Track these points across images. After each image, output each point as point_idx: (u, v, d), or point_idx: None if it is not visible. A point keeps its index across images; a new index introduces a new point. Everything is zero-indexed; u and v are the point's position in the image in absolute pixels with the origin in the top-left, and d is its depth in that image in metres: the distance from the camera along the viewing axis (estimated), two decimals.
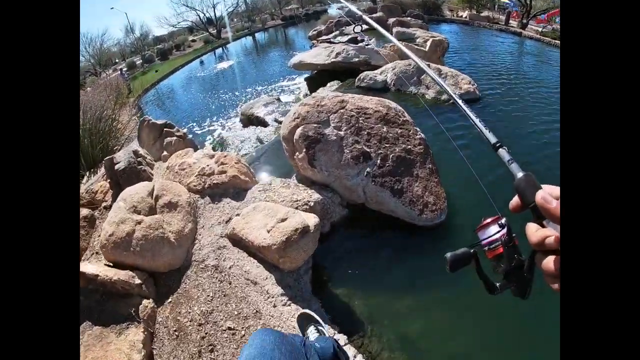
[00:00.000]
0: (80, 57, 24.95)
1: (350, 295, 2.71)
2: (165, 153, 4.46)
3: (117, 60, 25.29)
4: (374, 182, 3.18)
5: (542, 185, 0.59)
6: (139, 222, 2.77)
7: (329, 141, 3.14)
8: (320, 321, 2.20)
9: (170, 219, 2.91)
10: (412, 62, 6.35)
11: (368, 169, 3.18)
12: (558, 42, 14.60)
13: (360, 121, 3.31)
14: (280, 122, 5.49)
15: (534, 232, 0.57)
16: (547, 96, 7.19)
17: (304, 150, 3.10)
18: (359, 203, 3.33)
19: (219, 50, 24.05)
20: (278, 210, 2.75)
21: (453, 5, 25.35)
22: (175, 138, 4.54)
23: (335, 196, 3.26)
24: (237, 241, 2.81)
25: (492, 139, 0.79)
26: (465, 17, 22.23)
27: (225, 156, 3.43)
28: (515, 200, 0.63)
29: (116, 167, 3.84)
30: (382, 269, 2.91)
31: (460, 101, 0.92)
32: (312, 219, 2.65)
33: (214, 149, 6.05)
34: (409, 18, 13.71)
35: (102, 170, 6.29)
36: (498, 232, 0.68)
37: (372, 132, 3.31)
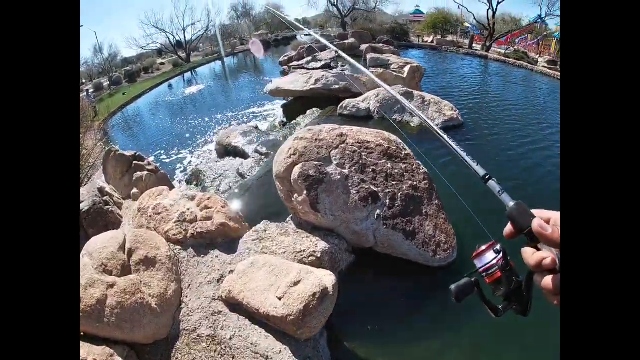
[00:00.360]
0: None
1: (371, 353, 2.43)
2: (135, 190, 3.95)
3: (83, 81, 24.07)
4: (385, 225, 2.87)
5: (533, 211, 0.63)
6: (111, 286, 2.28)
7: (332, 181, 2.79)
8: None
9: (148, 279, 2.43)
10: (396, 89, 6.21)
11: (378, 211, 2.87)
12: (521, 62, 15.50)
13: (364, 157, 3.01)
14: (262, 154, 5.11)
15: (530, 255, 0.61)
16: (519, 114, 7.73)
17: (305, 192, 2.74)
18: (366, 247, 3.01)
19: (188, 74, 23.51)
20: (283, 267, 2.34)
21: (418, 30, 26.25)
22: (146, 173, 4.04)
23: (342, 242, 2.91)
24: (236, 305, 2.37)
25: (481, 172, 0.82)
26: (432, 42, 23.00)
27: (208, 198, 2.99)
28: (508, 228, 0.66)
29: (80, 207, 3.33)
30: (399, 318, 2.66)
31: (447, 137, 0.93)
32: (328, 277, 2.27)
33: (188, 183, 5.55)
34: (381, 44, 13.84)
35: None
36: (494, 258, 0.71)
37: (377, 168, 3.01)
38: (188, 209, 2.89)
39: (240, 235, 2.87)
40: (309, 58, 13.32)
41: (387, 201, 2.93)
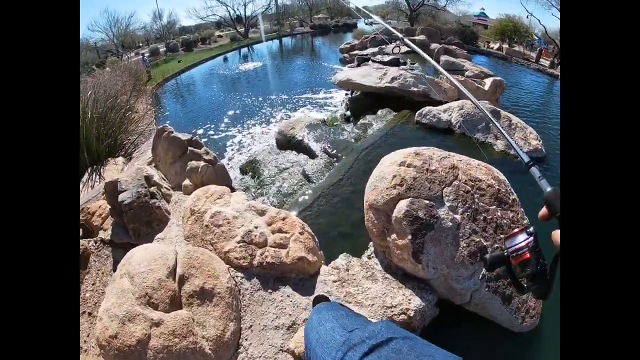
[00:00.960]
0: (104, 36, 24.33)
1: None
2: (187, 182, 3.45)
3: (140, 44, 24.57)
4: (487, 288, 2.28)
5: None
6: (157, 324, 1.79)
7: (443, 228, 2.18)
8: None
9: (203, 316, 1.93)
10: (482, 105, 5.46)
11: (484, 271, 2.26)
12: None
13: (476, 200, 2.38)
14: (331, 155, 4.53)
15: (559, 236, 0.64)
16: None
17: (409, 237, 2.14)
18: (455, 304, 2.43)
19: (244, 50, 23.25)
20: None
21: (485, 35, 24.81)
22: (202, 164, 3.50)
23: (433, 297, 2.33)
24: None
25: (526, 159, 0.95)
26: (498, 49, 21.59)
27: (283, 219, 2.43)
28: (543, 210, 0.72)
29: (120, 198, 2.88)
30: None
31: (496, 122, 1.21)
32: None
33: (242, 172, 5.09)
34: (453, 47, 12.85)
35: (108, 167, 5.37)
36: (526, 239, 0.78)
37: (488, 217, 2.38)
38: (256, 227, 2.37)
39: (317, 270, 2.33)
40: (375, 49, 12.57)
41: None
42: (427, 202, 2.19)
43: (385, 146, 4.55)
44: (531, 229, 0.78)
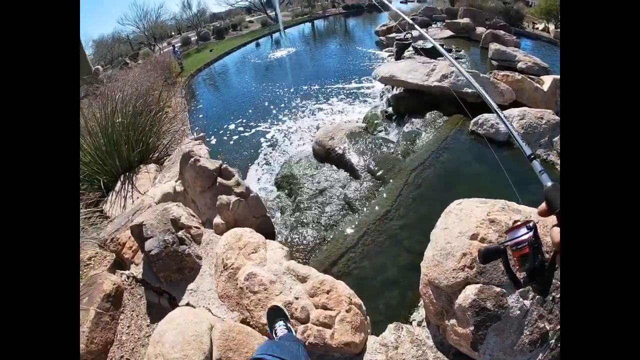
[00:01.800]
0: (135, 29, 24.65)
1: None
2: (218, 220, 3.16)
3: (172, 33, 24.73)
4: None
5: None
6: None
7: (509, 317, 1.81)
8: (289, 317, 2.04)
9: None
10: (546, 115, 4.84)
11: (540, 356, 1.91)
12: None
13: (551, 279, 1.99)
14: (376, 177, 4.13)
15: (557, 233, 0.63)
16: None
17: (472, 328, 1.80)
18: None
19: (276, 35, 22.79)
20: None
21: (530, 15, 22.98)
22: (234, 199, 3.16)
23: None
24: None
25: (528, 151, 0.93)
26: (543, 30, 19.90)
27: (328, 292, 2.13)
28: (542, 205, 0.71)
29: (147, 247, 2.66)
30: None
31: (499, 110, 1.11)
32: None
33: (278, 186, 4.85)
34: (501, 31, 11.79)
35: (140, 174, 5.26)
36: (526, 233, 0.77)
37: (557, 295, 2.00)
38: (296, 298, 2.10)
39: (363, 346, 2.05)
40: (416, 33, 11.79)
41: (553, 341, 1.95)
42: (498, 289, 1.82)
43: (437, 165, 4.09)
44: (531, 223, 0.77)
